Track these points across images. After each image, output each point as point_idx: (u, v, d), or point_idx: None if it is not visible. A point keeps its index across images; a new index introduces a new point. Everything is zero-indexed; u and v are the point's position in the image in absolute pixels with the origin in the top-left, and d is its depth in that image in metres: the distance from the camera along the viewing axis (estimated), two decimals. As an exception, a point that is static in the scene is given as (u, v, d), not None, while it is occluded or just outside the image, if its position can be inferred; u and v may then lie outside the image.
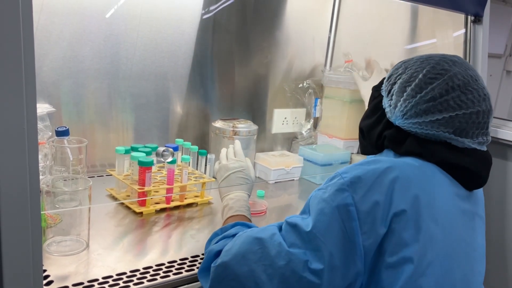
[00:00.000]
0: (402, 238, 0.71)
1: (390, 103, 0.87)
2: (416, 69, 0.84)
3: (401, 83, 0.85)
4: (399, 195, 0.73)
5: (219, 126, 1.46)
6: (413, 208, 0.72)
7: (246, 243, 0.77)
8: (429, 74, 0.82)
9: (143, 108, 1.45)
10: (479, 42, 1.55)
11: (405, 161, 0.79)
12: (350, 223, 0.71)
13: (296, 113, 1.77)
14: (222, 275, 0.77)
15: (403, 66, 0.88)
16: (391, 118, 0.87)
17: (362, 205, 0.72)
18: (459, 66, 0.83)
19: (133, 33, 1.37)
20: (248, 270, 0.75)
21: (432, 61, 0.84)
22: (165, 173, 1.25)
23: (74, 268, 0.86)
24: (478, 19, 1.55)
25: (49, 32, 1.24)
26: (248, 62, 1.66)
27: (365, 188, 0.73)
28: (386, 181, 0.73)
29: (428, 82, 0.81)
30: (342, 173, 0.76)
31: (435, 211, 0.74)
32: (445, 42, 1.71)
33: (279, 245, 0.74)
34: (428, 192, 0.75)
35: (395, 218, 0.71)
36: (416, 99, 0.81)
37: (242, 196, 1.04)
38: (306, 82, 1.76)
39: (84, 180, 0.97)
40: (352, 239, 0.71)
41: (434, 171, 0.80)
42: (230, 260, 0.77)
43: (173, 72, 1.48)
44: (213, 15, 1.51)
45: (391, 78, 0.89)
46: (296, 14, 1.72)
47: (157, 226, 1.09)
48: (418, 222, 0.72)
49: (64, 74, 1.29)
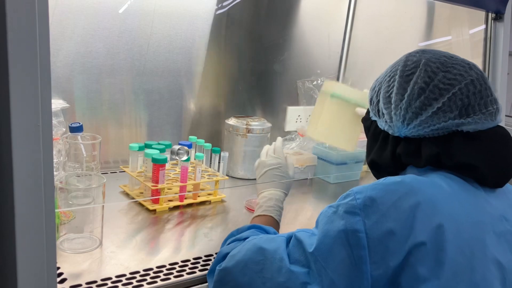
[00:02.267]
0: (419, 273, 0.63)
1: (385, 119, 0.81)
2: (390, 76, 0.81)
3: (383, 96, 0.81)
4: (419, 224, 0.64)
5: (232, 124, 1.45)
6: (434, 241, 0.64)
7: (251, 251, 0.76)
8: (404, 72, 0.78)
9: (156, 104, 1.44)
10: (500, 40, 1.51)
11: (430, 181, 0.71)
12: (359, 251, 0.65)
13: (310, 111, 1.75)
14: (224, 280, 0.77)
15: (377, 82, 0.85)
16: (394, 133, 0.80)
17: (374, 232, 0.65)
18: (429, 52, 0.79)
19: (147, 29, 1.37)
20: (248, 280, 0.74)
21: (400, 61, 0.81)
22: (178, 171, 1.24)
23: (87, 266, 0.85)
24: (499, 17, 1.52)
25: (63, 28, 1.24)
26: (262, 59, 1.64)
27: (379, 214, 0.66)
28: (406, 207, 0.65)
29: (407, 80, 0.77)
30: (356, 193, 0.69)
31: (461, 240, 0.66)
32: (460, 39, 1.67)
33: (281, 260, 0.71)
34: (455, 219, 0.67)
35: (413, 250, 0.63)
36: (405, 100, 0.77)
37: (275, 195, 1.01)
38: (320, 79, 1.74)
39: (98, 177, 0.96)
40: (359, 267, 0.65)
41: (460, 184, 0.73)
42: (232, 266, 0.76)
43: (186, 69, 1.47)
44: (227, 10, 1.50)
45: (373, 99, 0.85)
46: (311, 11, 1.70)
47: (170, 224, 1.08)
48: (439, 256, 0.64)
49: (78, 69, 1.29)
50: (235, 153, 1.44)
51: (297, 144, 1.61)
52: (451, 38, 1.74)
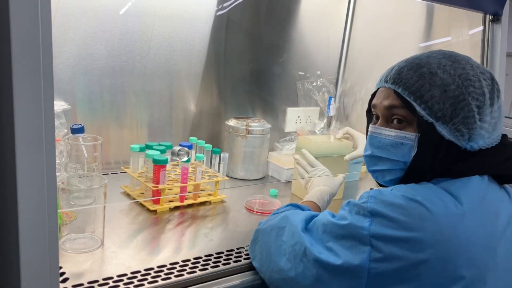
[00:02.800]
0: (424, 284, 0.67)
1: (464, 131, 0.74)
2: (442, 67, 0.75)
3: (444, 96, 0.74)
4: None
5: (232, 125, 1.46)
6: (441, 257, 0.66)
7: (279, 219, 0.87)
8: (492, 84, 0.76)
9: (157, 106, 1.45)
10: (497, 42, 1.52)
11: (441, 204, 0.69)
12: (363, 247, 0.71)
13: (309, 112, 1.76)
14: (257, 239, 0.91)
15: (410, 70, 0.77)
16: (465, 146, 0.74)
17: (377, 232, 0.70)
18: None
19: (147, 31, 1.38)
20: (272, 240, 0.85)
21: (477, 69, 0.77)
22: (179, 171, 1.25)
23: (89, 266, 0.86)
24: (496, 18, 1.53)
25: (64, 30, 1.25)
26: (261, 60, 1.65)
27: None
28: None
29: (495, 92, 0.77)
30: (370, 197, 0.73)
31: (473, 253, 0.68)
32: (460, 40, 1.68)
33: (296, 227, 0.81)
34: (467, 237, 0.68)
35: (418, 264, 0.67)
36: (499, 101, 0.76)
37: (321, 189, 1.12)
38: (320, 81, 1.75)
39: (99, 178, 0.97)
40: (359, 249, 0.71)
41: (480, 195, 0.73)
42: (263, 229, 0.90)
43: (187, 70, 1.48)
44: (227, 12, 1.51)
45: (438, 98, 0.74)
46: (310, 13, 1.71)
47: (171, 224, 1.09)
48: (447, 269, 0.66)
49: (79, 71, 1.30)
50: (235, 154, 1.46)
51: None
52: (451, 38, 1.75)
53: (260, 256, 0.88)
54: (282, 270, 0.80)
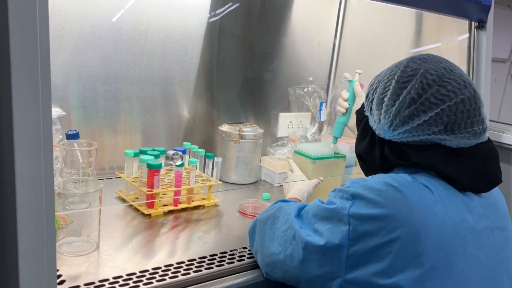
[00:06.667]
0: (395, 263, 0.71)
1: (374, 119, 0.86)
2: (388, 78, 0.84)
3: (377, 96, 0.85)
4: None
5: (225, 130, 1.48)
6: (411, 237, 0.71)
7: (275, 209, 0.94)
8: (401, 78, 0.80)
9: (151, 112, 1.47)
10: (483, 48, 1.56)
11: (417, 185, 0.76)
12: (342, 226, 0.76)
13: (301, 117, 1.79)
14: (254, 228, 0.98)
15: (376, 80, 0.88)
16: (380, 134, 0.85)
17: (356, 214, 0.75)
18: (430, 62, 0.81)
19: (141, 39, 1.40)
20: (267, 228, 0.92)
21: (401, 65, 0.83)
22: (173, 176, 1.27)
23: (85, 268, 0.88)
24: (481, 25, 1.56)
25: (59, 37, 1.27)
26: (254, 67, 1.68)
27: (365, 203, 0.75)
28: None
29: (402, 87, 0.80)
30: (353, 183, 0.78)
31: (441, 238, 0.72)
32: (450, 46, 1.71)
33: (289, 215, 0.88)
34: (437, 220, 0.73)
35: (391, 241, 0.72)
36: (395, 107, 0.80)
37: (300, 188, 1.22)
38: (311, 87, 1.78)
39: (95, 183, 0.99)
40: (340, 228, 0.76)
41: (443, 185, 0.78)
42: (260, 218, 0.96)
43: (180, 77, 1.50)
44: (219, 20, 1.53)
45: (369, 95, 0.89)
46: (301, 20, 1.74)
47: (165, 227, 1.11)
48: (416, 249, 0.71)
49: (74, 78, 1.31)
50: (228, 159, 1.48)
51: (288, 149, 1.65)
52: (440, 44, 1.78)
53: (256, 243, 0.96)
54: (272, 254, 0.87)
